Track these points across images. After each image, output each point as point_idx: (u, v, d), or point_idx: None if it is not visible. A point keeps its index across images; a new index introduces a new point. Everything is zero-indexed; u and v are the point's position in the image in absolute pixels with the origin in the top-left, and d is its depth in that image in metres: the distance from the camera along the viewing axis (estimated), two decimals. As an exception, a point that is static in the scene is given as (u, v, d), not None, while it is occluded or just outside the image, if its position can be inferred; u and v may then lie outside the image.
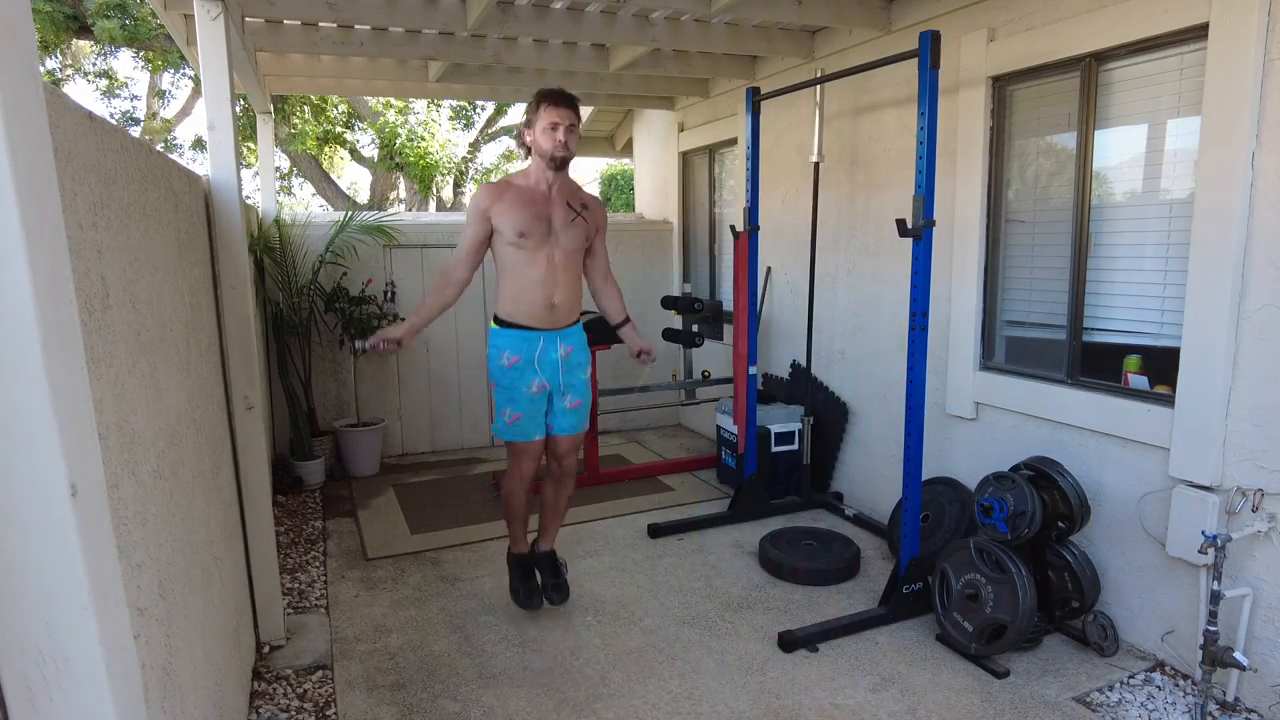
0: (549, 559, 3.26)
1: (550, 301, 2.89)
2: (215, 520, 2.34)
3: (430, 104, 11.88)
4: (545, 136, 2.79)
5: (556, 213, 2.86)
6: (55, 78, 11.17)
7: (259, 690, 2.76)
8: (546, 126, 2.78)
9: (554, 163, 2.81)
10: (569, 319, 2.98)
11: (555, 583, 3.21)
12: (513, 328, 2.91)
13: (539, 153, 2.82)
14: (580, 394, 3.04)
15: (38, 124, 0.91)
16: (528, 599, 3.10)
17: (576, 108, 2.84)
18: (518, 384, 2.91)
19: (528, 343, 2.90)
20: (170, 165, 2.16)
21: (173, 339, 1.92)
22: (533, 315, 2.89)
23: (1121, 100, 3.05)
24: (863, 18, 4.00)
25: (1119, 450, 3.04)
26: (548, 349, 2.93)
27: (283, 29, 4.12)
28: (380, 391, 5.69)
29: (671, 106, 6.47)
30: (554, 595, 3.19)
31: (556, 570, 3.25)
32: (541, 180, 2.87)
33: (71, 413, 0.94)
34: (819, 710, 2.65)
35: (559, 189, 2.89)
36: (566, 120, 2.79)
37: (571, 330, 3.00)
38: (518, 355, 2.90)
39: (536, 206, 2.83)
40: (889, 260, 4.16)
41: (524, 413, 2.93)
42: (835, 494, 4.71)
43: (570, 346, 2.99)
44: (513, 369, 2.91)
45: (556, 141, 2.78)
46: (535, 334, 2.91)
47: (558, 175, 2.87)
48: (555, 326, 2.93)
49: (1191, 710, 2.64)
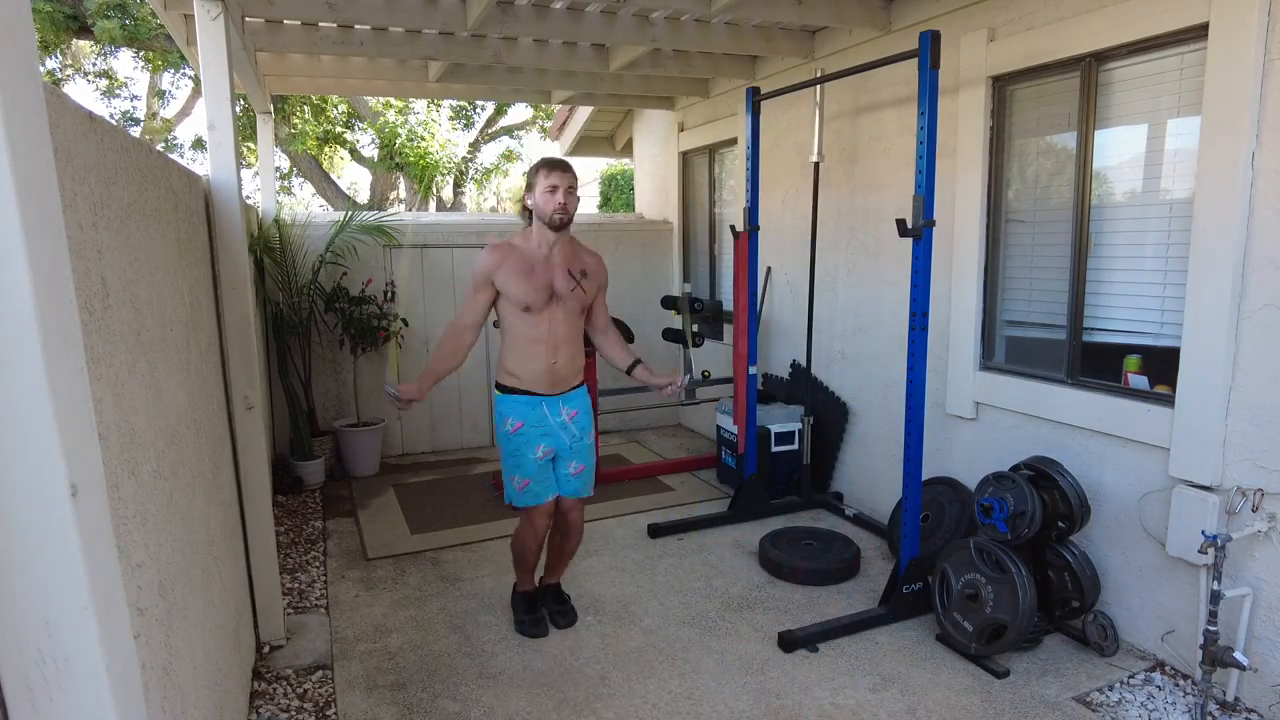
0: (555, 590, 3.32)
1: (553, 365, 2.92)
2: (215, 520, 2.34)
3: (430, 104, 11.88)
4: (545, 199, 2.83)
5: (557, 278, 2.90)
6: (55, 78, 11.17)
7: (259, 690, 2.76)
8: (546, 190, 2.83)
9: (554, 224, 2.86)
10: (571, 381, 3.01)
11: (562, 609, 3.27)
12: (516, 393, 2.94)
13: (539, 215, 2.87)
14: (585, 459, 3.06)
15: (38, 124, 0.91)
16: (533, 628, 3.17)
17: (574, 173, 2.90)
18: (524, 450, 2.94)
19: (531, 407, 2.94)
20: (170, 165, 2.16)
21: (173, 339, 1.92)
22: (535, 380, 2.92)
23: (1121, 100, 3.05)
24: (863, 18, 4.00)
25: (1119, 450, 3.04)
26: (550, 413, 2.96)
27: (283, 29, 4.12)
28: (380, 391, 5.68)
29: (671, 106, 6.47)
30: (559, 620, 3.24)
31: (563, 598, 3.32)
32: (542, 243, 2.90)
33: (71, 413, 0.94)
34: (819, 710, 2.65)
35: (559, 252, 2.92)
36: (565, 183, 2.83)
37: (574, 394, 3.03)
38: (522, 420, 2.93)
39: (538, 276, 2.87)
40: (889, 260, 4.16)
41: (533, 478, 2.96)
42: (835, 494, 4.71)
43: (574, 410, 3.01)
44: (518, 435, 2.94)
45: (556, 204, 2.82)
46: (538, 399, 2.94)
47: (558, 237, 2.91)
48: (556, 390, 2.96)
49: (1191, 710, 2.64)
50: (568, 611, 3.26)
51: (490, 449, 6.02)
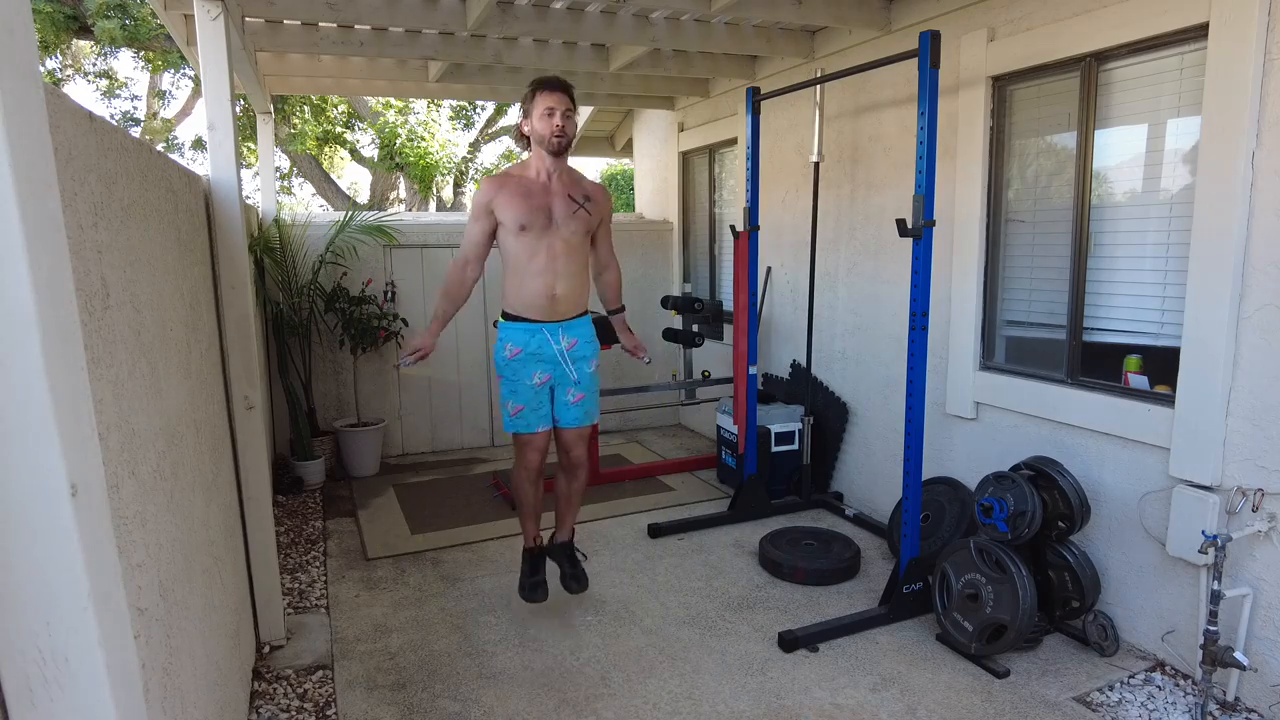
0: (566, 549, 3.25)
1: (552, 292, 2.88)
2: (215, 520, 2.34)
3: (430, 104, 11.87)
4: (542, 122, 2.78)
5: (557, 204, 2.85)
6: (55, 78, 11.17)
7: (259, 690, 2.76)
8: (543, 113, 2.78)
9: (552, 147, 2.80)
10: (573, 310, 2.97)
11: (574, 572, 3.20)
12: (516, 320, 2.93)
13: (537, 140, 2.82)
14: (584, 387, 3.02)
15: (38, 124, 0.91)
16: (531, 592, 3.10)
17: (571, 93, 2.83)
18: (520, 375, 2.93)
19: (529, 334, 2.91)
20: (170, 165, 2.17)
21: (173, 339, 1.92)
22: (535, 307, 2.90)
23: (1121, 100, 3.05)
24: (863, 18, 4.00)
25: (1119, 450, 3.04)
26: (550, 340, 2.93)
27: (283, 29, 4.12)
28: (380, 391, 5.69)
29: (671, 106, 6.47)
30: (572, 584, 3.17)
31: (574, 560, 3.24)
32: (541, 170, 2.87)
33: (71, 413, 0.94)
34: (819, 710, 2.65)
35: (559, 179, 2.88)
36: (562, 105, 2.78)
37: (576, 322, 2.99)
38: (519, 347, 2.91)
39: (536, 198, 2.83)
40: (889, 260, 4.16)
41: (526, 404, 2.94)
42: (835, 494, 4.71)
43: (574, 339, 2.98)
44: (515, 360, 2.92)
45: (554, 126, 2.77)
46: (537, 326, 2.91)
47: (557, 163, 2.86)
48: (557, 318, 2.93)
49: (1191, 710, 2.64)
50: (579, 575, 3.16)
51: (490, 449, 6.02)
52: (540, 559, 3.20)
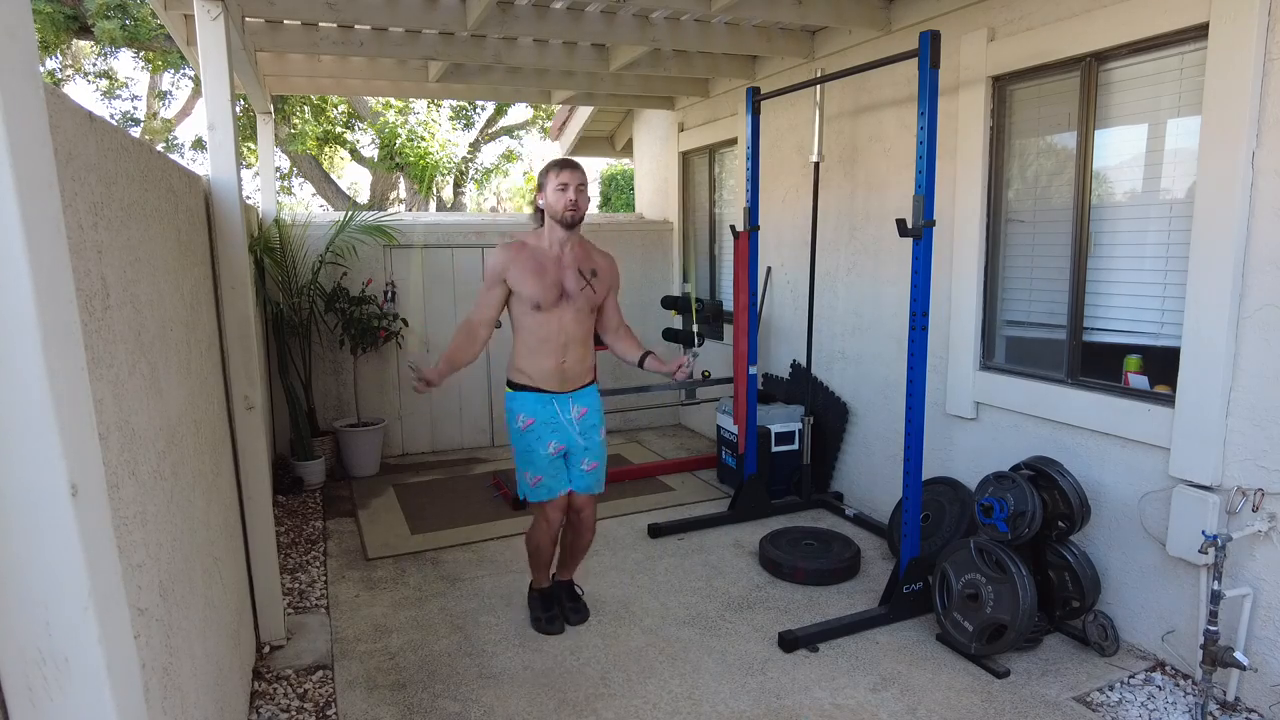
0: (567, 586, 3.34)
1: (562, 364, 2.94)
2: (215, 520, 2.34)
3: (430, 104, 11.87)
4: (556, 197, 2.86)
5: (568, 277, 2.93)
6: (56, 78, 11.17)
7: (259, 690, 2.76)
8: (557, 188, 2.86)
9: (566, 221, 2.88)
10: (581, 380, 3.02)
11: (574, 606, 3.29)
12: (526, 390, 2.97)
13: (551, 214, 2.90)
14: (596, 456, 3.08)
15: (38, 124, 0.91)
16: (548, 625, 3.19)
17: (583, 172, 2.92)
18: (535, 446, 2.96)
19: (541, 404, 2.96)
20: (170, 165, 2.17)
21: (173, 339, 1.92)
22: (544, 378, 2.95)
23: (1121, 100, 3.05)
24: (863, 18, 4.00)
25: (1119, 450, 3.04)
26: (561, 411, 2.98)
27: (283, 29, 4.12)
28: (380, 391, 5.69)
29: (671, 106, 6.47)
30: (572, 616, 3.26)
31: (575, 596, 3.33)
32: (554, 242, 2.93)
33: (71, 413, 0.94)
34: (819, 710, 2.65)
35: (571, 251, 2.95)
36: (576, 181, 2.86)
37: (584, 391, 3.04)
38: (532, 418, 2.96)
39: (549, 274, 2.89)
40: (889, 260, 4.16)
41: (545, 474, 2.98)
42: (835, 494, 4.71)
43: (584, 408, 3.03)
44: (528, 431, 2.96)
45: (568, 201, 2.85)
46: (549, 396, 2.96)
47: (569, 235, 2.93)
48: (566, 388, 2.98)
49: (1192, 710, 2.64)
50: (580, 608, 3.28)
51: (490, 449, 6.02)
52: (552, 597, 3.27)
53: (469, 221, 6.08)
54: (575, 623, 3.23)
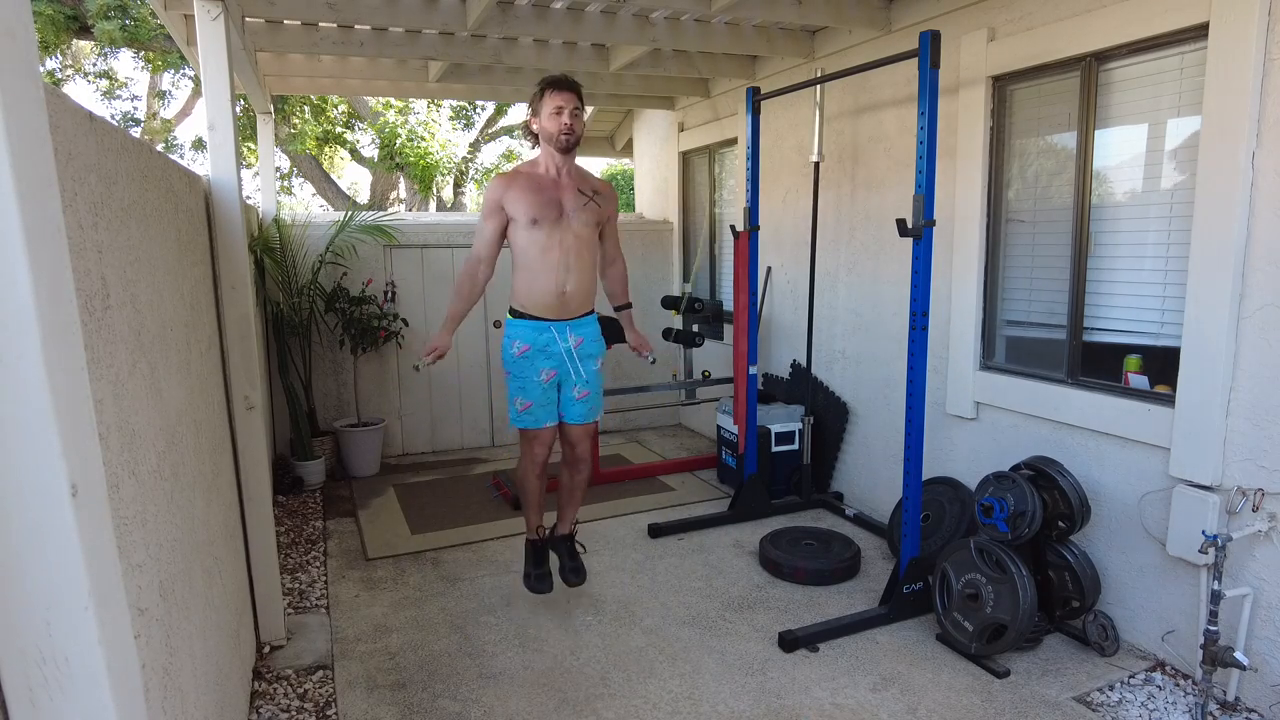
0: (567, 542, 3.29)
1: (561, 290, 2.92)
2: (215, 520, 2.34)
3: (430, 104, 11.87)
4: (551, 121, 2.83)
5: (567, 198, 2.89)
6: (55, 78, 11.16)
7: (259, 690, 2.76)
8: (551, 111, 2.82)
9: (561, 145, 2.84)
10: (580, 309, 3.01)
11: (573, 565, 3.24)
12: (525, 318, 2.97)
13: (545, 138, 2.86)
14: (590, 384, 3.07)
15: (38, 124, 0.91)
16: (537, 583, 3.14)
17: (579, 92, 2.88)
18: (528, 372, 2.97)
19: (538, 331, 2.95)
20: (170, 165, 2.17)
21: (173, 339, 1.92)
22: (544, 305, 2.93)
23: (1122, 100, 3.05)
24: (863, 18, 4.00)
25: (1119, 450, 3.04)
26: (558, 338, 2.97)
27: (283, 29, 4.12)
28: (380, 391, 5.69)
29: (671, 106, 6.47)
30: (571, 576, 3.21)
31: (574, 553, 3.28)
32: (551, 166, 2.91)
33: (71, 413, 0.94)
34: (819, 710, 2.65)
35: (569, 174, 2.93)
36: (570, 104, 2.83)
37: (583, 320, 3.03)
38: (528, 344, 2.95)
39: (547, 192, 2.87)
40: (889, 260, 4.16)
41: (534, 400, 2.98)
42: (835, 494, 4.71)
43: (580, 337, 3.02)
44: (523, 358, 2.96)
45: (562, 124, 2.82)
46: (545, 324, 2.96)
47: (566, 159, 2.90)
48: (565, 316, 2.97)
49: (1192, 710, 2.64)
50: (578, 569, 3.21)
51: (490, 449, 6.02)
52: (544, 551, 3.24)
53: (469, 221, 6.07)
54: (573, 583, 3.17)
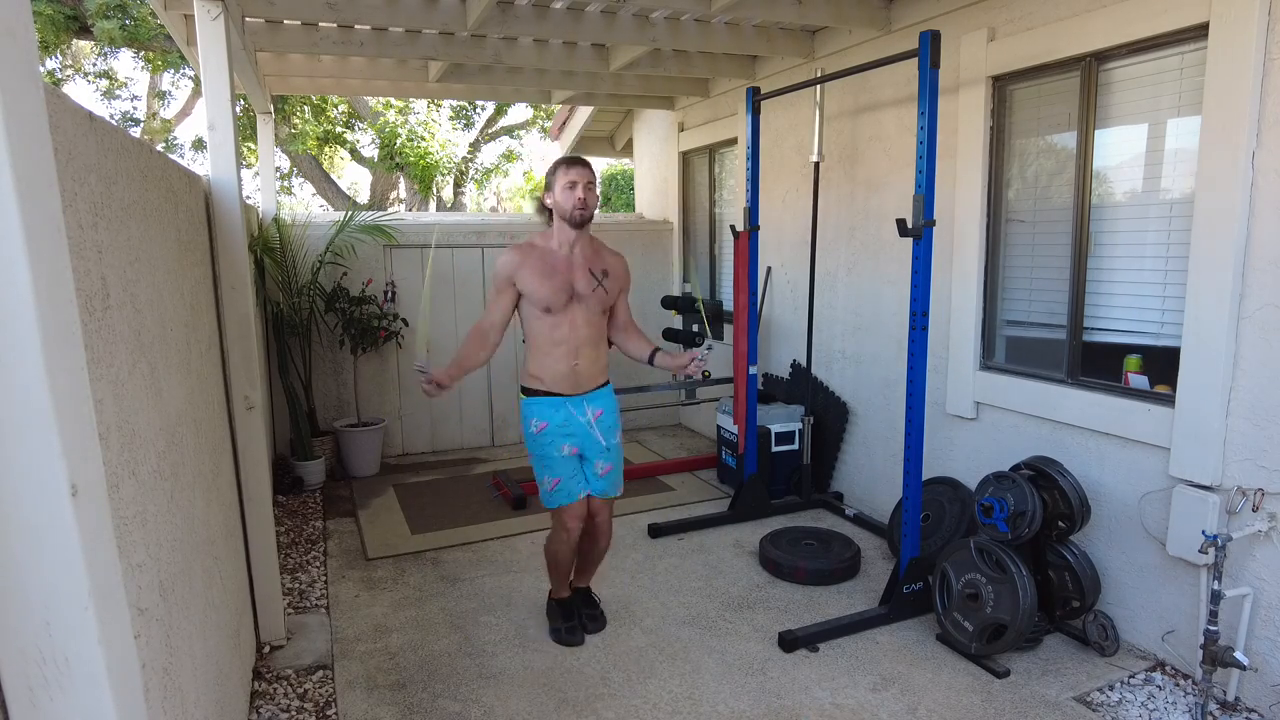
0: (584, 593, 3.30)
1: (574, 365, 2.90)
2: (215, 520, 2.34)
3: (430, 104, 11.87)
4: (564, 195, 2.82)
5: (578, 278, 2.89)
6: (55, 78, 11.16)
7: (259, 690, 2.77)
8: (565, 186, 2.82)
9: (575, 220, 2.84)
10: (595, 382, 2.99)
11: (592, 613, 3.24)
12: (539, 395, 2.94)
13: (559, 213, 2.86)
14: (612, 458, 3.04)
15: (38, 124, 0.91)
16: (570, 636, 3.13)
17: (592, 169, 2.89)
18: (550, 450, 2.93)
19: (554, 408, 2.92)
20: (170, 165, 2.17)
21: (173, 339, 1.92)
22: (557, 381, 2.91)
23: (1121, 100, 3.05)
24: (863, 18, 4.00)
25: (1119, 450, 3.04)
26: (576, 413, 2.94)
27: (283, 29, 4.12)
28: (380, 391, 5.69)
29: (671, 106, 6.47)
30: (590, 625, 3.21)
31: (592, 602, 3.29)
32: (564, 243, 2.89)
33: (71, 413, 0.94)
34: (819, 710, 2.65)
35: (580, 251, 2.91)
36: (584, 179, 2.82)
37: (598, 393, 3.00)
38: (545, 421, 2.92)
39: (558, 276, 2.86)
40: (889, 260, 4.16)
41: (562, 476, 2.94)
42: (835, 494, 4.71)
43: (599, 410, 2.99)
44: (543, 435, 2.93)
45: (576, 199, 2.81)
46: (562, 400, 2.93)
47: (579, 235, 2.89)
48: (580, 391, 2.95)
49: (1192, 710, 2.64)
50: (597, 616, 3.23)
51: (490, 449, 6.02)
52: (573, 607, 3.22)
53: (469, 221, 6.08)
54: (593, 630, 3.18)
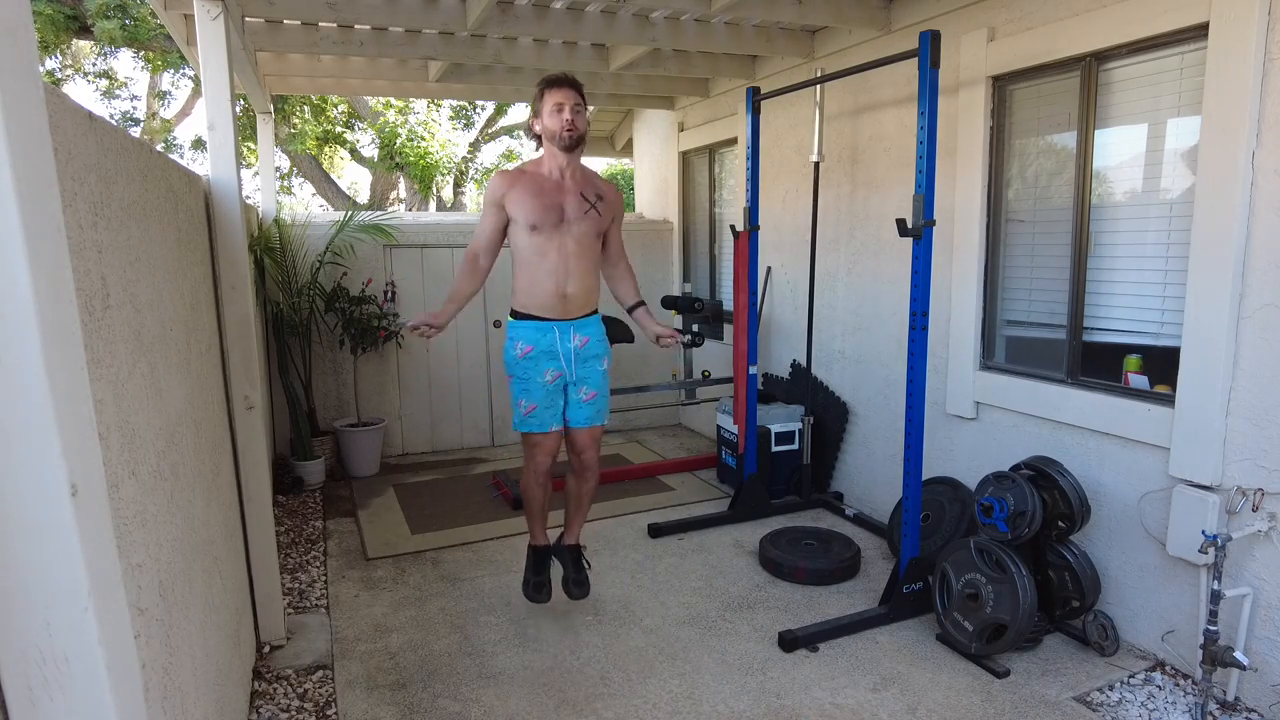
0: (573, 553, 3.23)
1: (563, 291, 2.87)
2: (215, 520, 2.34)
3: (430, 104, 11.87)
4: (552, 118, 2.78)
5: (569, 201, 2.84)
6: (55, 78, 11.16)
7: (259, 690, 2.76)
8: (552, 109, 2.78)
9: (563, 143, 2.79)
10: (583, 309, 2.95)
11: (577, 577, 3.18)
12: (527, 319, 2.91)
13: (548, 136, 2.81)
14: (596, 385, 3.00)
15: (38, 124, 0.91)
16: (535, 592, 3.07)
17: (580, 89, 2.83)
18: (532, 374, 2.90)
19: (541, 333, 2.90)
20: (170, 165, 2.17)
21: (173, 339, 1.92)
22: (546, 305, 2.88)
23: (1121, 100, 3.05)
24: (863, 17, 4.00)
25: (1119, 450, 3.04)
26: (561, 339, 2.91)
27: (283, 29, 4.12)
28: (380, 391, 5.69)
29: (671, 106, 6.47)
30: (573, 589, 3.14)
31: (579, 565, 3.21)
32: (554, 167, 2.86)
33: (71, 413, 0.94)
34: (819, 710, 2.65)
35: (572, 176, 2.87)
36: (571, 100, 2.78)
37: (587, 321, 2.97)
38: (531, 345, 2.89)
39: (548, 196, 2.82)
40: (889, 260, 4.16)
41: (538, 403, 2.91)
42: (835, 494, 4.71)
43: (585, 337, 2.96)
44: (526, 359, 2.90)
45: (564, 121, 2.77)
46: (549, 324, 2.90)
47: (570, 159, 2.85)
48: (569, 316, 2.91)
49: (1192, 710, 2.64)
50: (582, 581, 3.15)
51: (490, 449, 6.02)
52: (545, 558, 3.17)
53: (469, 221, 6.07)
54: (575, 596, 3.11)
